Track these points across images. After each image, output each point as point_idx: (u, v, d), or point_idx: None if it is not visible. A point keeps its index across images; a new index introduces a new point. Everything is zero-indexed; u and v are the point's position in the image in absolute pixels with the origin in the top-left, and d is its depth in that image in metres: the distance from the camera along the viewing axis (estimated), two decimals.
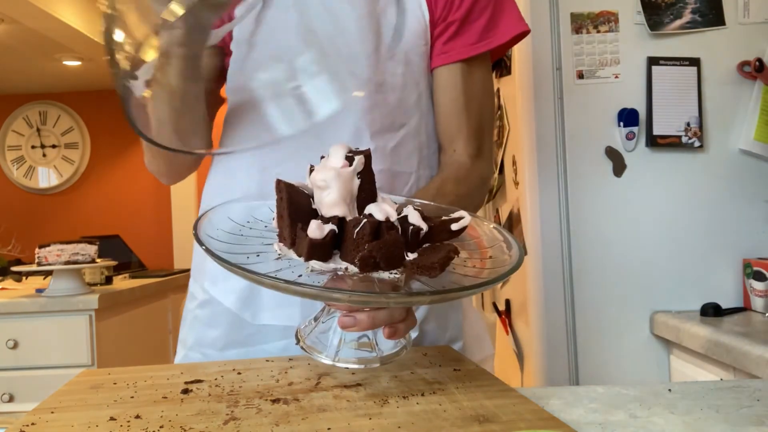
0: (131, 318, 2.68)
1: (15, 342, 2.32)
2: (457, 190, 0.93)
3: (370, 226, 0.61)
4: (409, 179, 0.96)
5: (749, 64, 1.69)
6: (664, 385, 0.72)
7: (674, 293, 1.70)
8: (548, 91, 1.73)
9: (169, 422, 0.60)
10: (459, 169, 0.97)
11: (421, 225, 0.65)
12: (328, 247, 0.62)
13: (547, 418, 0.57)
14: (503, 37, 0.99)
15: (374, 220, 0.62)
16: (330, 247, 0.62)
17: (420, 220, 0.65)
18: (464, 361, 0.80)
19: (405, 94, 0.96)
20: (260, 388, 0.70)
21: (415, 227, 0.65)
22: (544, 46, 1.73)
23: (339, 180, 0.64)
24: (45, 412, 0.65)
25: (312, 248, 0.61)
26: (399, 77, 0.95)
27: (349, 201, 0.65)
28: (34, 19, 3.51)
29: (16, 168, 5.95)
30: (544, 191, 1.73)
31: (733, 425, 0.58)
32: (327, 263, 0.63)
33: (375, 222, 0.61)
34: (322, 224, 0.62)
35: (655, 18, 1.70)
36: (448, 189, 0.92)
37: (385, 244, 0.60)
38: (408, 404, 0.63)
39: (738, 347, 1.34)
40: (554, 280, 1.72)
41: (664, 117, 1.70)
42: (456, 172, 0.96)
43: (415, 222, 0.65)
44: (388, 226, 0.62)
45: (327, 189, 0.64)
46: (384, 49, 0.94)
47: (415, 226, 0.65)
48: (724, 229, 1.71)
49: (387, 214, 0.63)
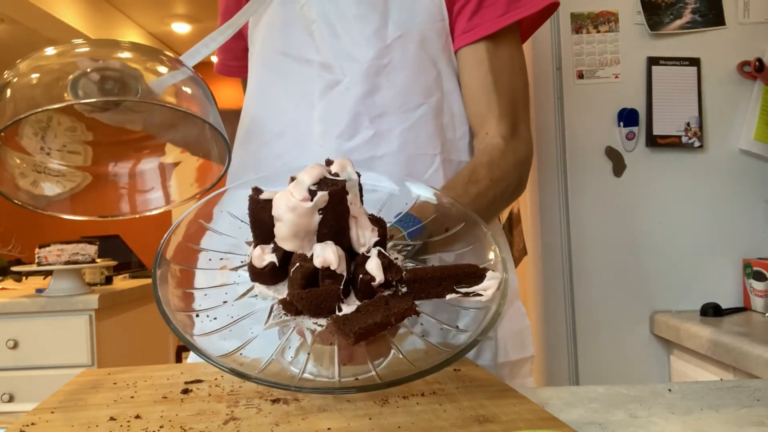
0: (131, 318, 2.68)
1: (15, 342, 2.32)
2: (491, 174, 0.88)
3: (301, 273, 0.57)
4: (433, 162, 0.91)
5: (749, 64, 1.69)
6: (664, 385, 0.72)
7: (674, 293, 1.70)
8: (548, 91, 1.73)
9: (169, 422, 0.60)
10: (492, 152, 0.91)
11: (375, 275, 0.58)
12: (267, 276, 0.61)
13: (547, 418, 0.57)
14: (533, 7, 0.92)
15: (309, 265, 0.57)
16: (270, 277, 0.61)
17: (377, 270, 0.58)
18: (464, 361, 0.80)
19: (419, 73, 0.91)
20: (260, 388, 0.70)
21: (367, 277, 0.58)
22: (544, 46, 1.73)
23: (293, 214, 0.59)
24: (45, 412, 0.65)
25: (253, 273, 0.61)
26: (410, 56, 0.91)
27: (303, 236, 0.60)
28: (34, 19, 3.51)
29: None
30: (544, 191, 1.73)
31: (733, 425, 0.58)
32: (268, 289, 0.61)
33: (309, 268, 0.57)
34: (263, 255, 0.61)
35: (655, 18, 1.70)
36: (480, 175, 0.87)
37: (311, 295, 0.56)
38: (408, 404, 0.63)
39: (738, 347, 1.34)
40: (554, 280, 1.72)
41: (664, 117, 1.70)
42: (489, 156, 0.90)
43: (370, 270, 0.59)
44: (327, 275, 0.57)
45: (279, 221, 0.61)
46: (392, 28, 0.90)
47: (368, 276, 0.58)
48: (724, 229, 1.71)
49: (327, 262, 0.57)
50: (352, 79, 0.90)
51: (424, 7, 0.92)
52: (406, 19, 0.91)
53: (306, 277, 0.56)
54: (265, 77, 0.97)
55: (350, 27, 0.91)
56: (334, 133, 0.90)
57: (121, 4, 4.15)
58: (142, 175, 0.89)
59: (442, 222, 0.75)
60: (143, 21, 4.44)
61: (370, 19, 0.91)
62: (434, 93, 0.92)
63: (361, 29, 0.91)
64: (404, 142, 0.90)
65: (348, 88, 0.90)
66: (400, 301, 0.58)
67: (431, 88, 0.92)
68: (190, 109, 0.74)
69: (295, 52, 0.94)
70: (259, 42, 0.98)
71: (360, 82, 0.90)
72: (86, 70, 0.70)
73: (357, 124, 0.89)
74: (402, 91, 0.91)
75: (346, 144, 0.89)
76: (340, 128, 0.89)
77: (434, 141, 0.92)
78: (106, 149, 0.88)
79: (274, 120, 0.95)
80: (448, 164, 0.93)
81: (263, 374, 0.56)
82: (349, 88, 0.90)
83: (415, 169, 0.90)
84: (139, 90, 0.71)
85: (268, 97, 0.96)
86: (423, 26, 0.92)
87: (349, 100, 0.89)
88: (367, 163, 0.88)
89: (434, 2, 0.92)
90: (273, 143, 0.94)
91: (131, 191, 0.89)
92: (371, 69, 0.90)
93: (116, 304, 2.51)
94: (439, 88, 0.93)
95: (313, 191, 0.59)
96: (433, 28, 0.92)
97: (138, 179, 0.89)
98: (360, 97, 0.89)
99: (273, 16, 0.97)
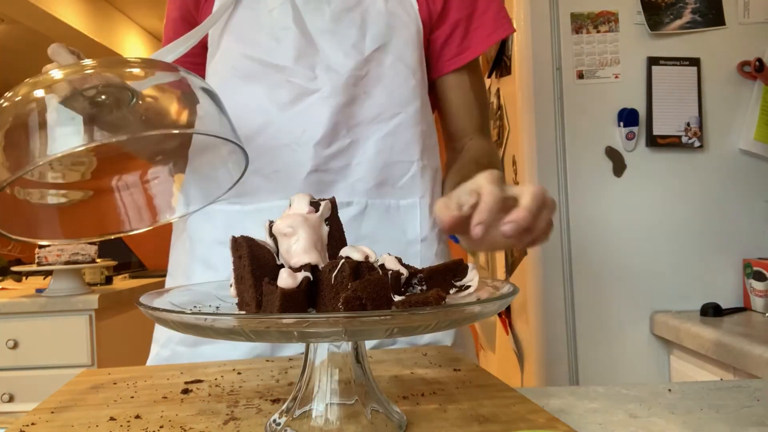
0: (131, 318, 2.68)
1: (15, 342, 2.32)
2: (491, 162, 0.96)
3: (349, 267, 0.54)
4: (409, 169, 0.95)
5: (749, 64, 1.69)
6: (664, 385, 0.72)
7: (674, 293, 1.71)
8: (548, 91, 1.73)
9: (169, 422, 0.60)
10: (485, 148, 1.01)
11: (400, 269, 0.59)
12: (302, 297, 0.54)
13: (547, 418, 0.57)
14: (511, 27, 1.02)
15: (353, 260, 0.55)
16: (305, 297, 0.54)
17: (398, 265, 0.60)
18: (464, 361, 0.80)
19: (397, 84, 0.94)
20: (260, 388, 0.70)
21: (395, 272, 0.59)
22: (544, 46, 1.73)
23: (306, 225, 0.58)
24: (45, 412, 0.65)
25: (285, 300, 0.52)
26: (387, 67, 0.94)
27: (320, 248, 0.58)
28: (34, 19, 3.51)
29: None
30: None
31: (733, 425, 0.58)
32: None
33: (354, 262, 0.55)
34: (294, 272, 0.54)
35: (655, 18, 1.70)
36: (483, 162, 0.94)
37: (370, 283, 0.53)
38: (408, 404, 0.63)
39: (738, 347, 1.34)
40: (554, 280, 1.72)
41: (664, 117, 1.70)
42: (479, 152, 0.99)
43: (393, 267, 0.59)
44: (368, 267, 0.55)
45: (294, 236, 0.57)
46: (369, 41, 0.93)
47: (395, 271, 0.59)
48: (724, 229, 1.71)
49: (365, 254, 0.57)
50: (332, 89, 0.91)
51: (401, 22, 0.95)
52: (383, 33, 0.94)
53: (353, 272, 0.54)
54: (228, 80, 0.95)
55: (328, 38, 0.93)
56: (311, 141, 0.91)
57: (121, 4, 4.15)
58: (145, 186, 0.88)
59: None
60: (143, 21, 4.44)
61: (349, 32, 0.93)
62: (412, 102, 0.95)
63: (340, 42, 0.92)
64: (380, 150, 0.93)
65: (326, 98, 0.91)
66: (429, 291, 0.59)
67: (409, 98, 0.95)
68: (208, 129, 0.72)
69: (263, 56, 0.93)
70: (223, 44, 0.97)
71: (339, 92, 0.91)
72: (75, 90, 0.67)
73: (335, 132, 0.91)
74: (379, 102, 0.93)
75: (323, 151, 0.91)
76: (318, 136, 0.91)
77: (412, 148, 0.95)
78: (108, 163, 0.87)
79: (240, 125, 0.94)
80: (425, 170, 0.96)
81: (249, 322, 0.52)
82: (328, 98, 0.91)
83: (391, 175, 0.94)
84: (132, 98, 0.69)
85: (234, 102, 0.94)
86: (400, 40, 0.95)
87: (328, 109, 0.91)
88: (343, 170, 0.92)
89: (411, 17, 0.96)
90: None
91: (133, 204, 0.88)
92: (350, 80, 0.92)
93: (116, 304, 2.51)
94: (417, 97, 0.96)
95: (315, 203, 0.61)
96: (409, 42, 0.95)
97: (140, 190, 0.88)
98: (339, 106, 0.91)
99: (239, 19, 0.96)
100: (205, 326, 0.52)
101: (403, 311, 0.52)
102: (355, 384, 0.57)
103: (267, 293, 0.55)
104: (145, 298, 0.60)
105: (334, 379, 0.57)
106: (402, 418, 0.57)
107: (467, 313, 0.55)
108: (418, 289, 0.61)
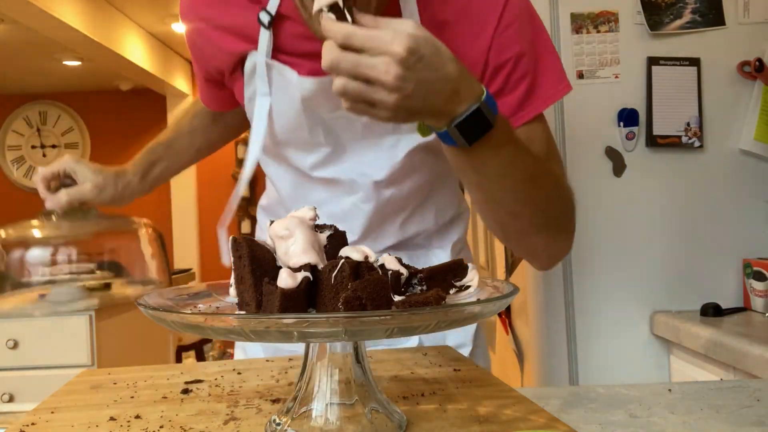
0: (131, 318, 2.67)
1: (15, 342, 2.32)
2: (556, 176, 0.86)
3: (349, 267, 0.54)
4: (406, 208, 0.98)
5: (749, 64, 1.69)
6: (664, 385, 0.72)
7: (674, 293, 1.70)
8: None
9: (169, 422, 0.60)
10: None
11: (400, 269, 0.59)
12: (302, 297, 0.54)
13: (547, 418, 0.57)
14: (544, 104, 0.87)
15: (352, 260, 0.55)
16: (304, 297, 0.54)
17: (398, 265, 0.60)
18: (464, 361, 0.80)
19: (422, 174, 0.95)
20: (260, 388, 0.71)
21: (395, 272, 0.59)
22: None
23: (303, 227, 0.58)
24: (45, 412, 0.65)
25: (285, 300, 0.52)
26: (418, 163, 0.93)
27: (318, 249, 0.58)
28: (34, 19, 3.51)
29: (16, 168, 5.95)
30: None
31: (733, 425, 0.58)
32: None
33: (354, 262, 0.55)
34: (293, 272, 0.54)
35: (655, 18, 1.70)
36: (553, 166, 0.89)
37: (370, 283, 0.53)
38: (408, 404, 0.63)
39: (738, 347, 1.34)
40: (554, 280, 1.72)
41: (664, 117, 1.70)
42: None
43: (392, 267, 0.59)
44: (368, 267, 0.55)
45: (291, 238, 0.57)
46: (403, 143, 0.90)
47: (394, 271, 0.59)
48: (724, 229, 1.71)
49: (365, 254, 0.57)
50: (365, 195, 0.94)
51: None
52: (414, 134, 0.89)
53: (353, 272, 0.54)
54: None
55: (362, 149, 0.93)
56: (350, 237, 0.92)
57: (121, 4, 4.15)
58: None
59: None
60: (143, 21, 4.44)
61: (384, 140, 0.91)
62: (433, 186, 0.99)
63: (375, 152, 0.92)
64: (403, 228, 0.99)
65: (361, 203, 0.94)
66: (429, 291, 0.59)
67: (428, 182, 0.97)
68: None
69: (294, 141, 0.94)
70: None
71: (372, 198, 0.94)
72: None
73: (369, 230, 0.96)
74: (407, 194, 0.96)
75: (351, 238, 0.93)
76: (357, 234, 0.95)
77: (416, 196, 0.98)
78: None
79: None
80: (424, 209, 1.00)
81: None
82: (363, 204, 0.94)
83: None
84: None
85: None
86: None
87: (363, 214, 0.95)
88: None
89: None
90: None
91: None
92: (382, 184, 0.93)
93: (117, 304, 2.51)
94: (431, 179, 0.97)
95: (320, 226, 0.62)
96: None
97: None
98: (373, 210, 0.95)
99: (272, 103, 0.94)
100: (205, 326, 0.52)
101: (403, 311, 0.52)
102: (355, 384, 0.57)
103: (267, 293, 0.55)
104: (145, 298, 0.61)
105: (334, 379, 0.57)
106: (402, 418, 0.57)
107: (467, 313, 0.55)
108: (418, 289, 0.61)
